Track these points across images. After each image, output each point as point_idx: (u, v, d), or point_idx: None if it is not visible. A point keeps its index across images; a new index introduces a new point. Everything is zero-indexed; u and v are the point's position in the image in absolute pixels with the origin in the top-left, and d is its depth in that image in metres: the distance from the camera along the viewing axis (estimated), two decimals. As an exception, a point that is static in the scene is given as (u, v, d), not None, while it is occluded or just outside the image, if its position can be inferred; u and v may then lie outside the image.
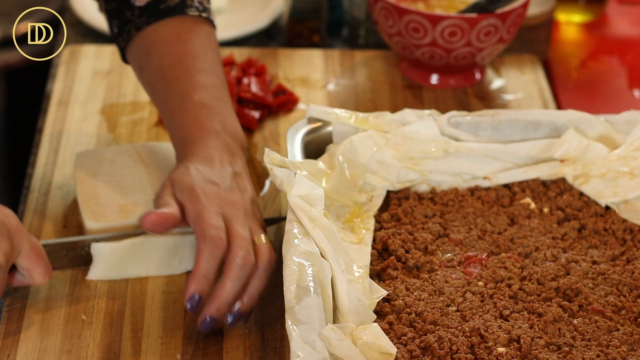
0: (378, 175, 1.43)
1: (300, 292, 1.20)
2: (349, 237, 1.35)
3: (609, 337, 1.24)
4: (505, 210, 1.43)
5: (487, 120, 1.48)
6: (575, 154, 1.45)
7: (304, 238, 1.26)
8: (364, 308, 1.23)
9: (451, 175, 1.45)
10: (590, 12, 1.98)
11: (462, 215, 1.42)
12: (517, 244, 1.37)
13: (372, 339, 1.18)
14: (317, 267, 1.23)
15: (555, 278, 1.32)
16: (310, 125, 1.47)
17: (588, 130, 1.47)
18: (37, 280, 1.29)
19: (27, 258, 1.27)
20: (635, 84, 1.83)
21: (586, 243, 1.38)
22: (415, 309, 1.26)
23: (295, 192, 1.30)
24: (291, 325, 1.16)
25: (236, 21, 1.94)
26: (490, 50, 1.72)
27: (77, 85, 1.73)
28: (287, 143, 1.43)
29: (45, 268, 1.29)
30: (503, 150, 1.46)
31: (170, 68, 1.42)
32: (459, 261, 1.34)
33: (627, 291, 1.31)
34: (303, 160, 1.39)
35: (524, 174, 1.46)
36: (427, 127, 1.45)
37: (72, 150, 1.59)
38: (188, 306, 1.25)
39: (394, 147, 1.44)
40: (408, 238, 1.37)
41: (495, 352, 1.21)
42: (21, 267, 1.28)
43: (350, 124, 1.46)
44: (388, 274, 1.32)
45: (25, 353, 1.28)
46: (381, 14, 1.71)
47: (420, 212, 1.42)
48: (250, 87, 1.69)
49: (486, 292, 1.30)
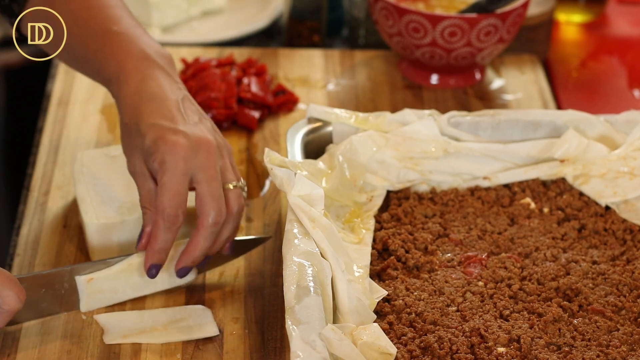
0: (378, 175, 1.43)
1: (300, 292, 1.20)
2: (349, 237, 1.35)
3: (609, 337, 1.24)
4: (505, 210, 1.43)
5: (487, 120, 1.48)
6: (575, 154, 1.45)
7: (304, 238, 1.26)
8: (364, 308, 1.23)
9: (451, 175, 1.45)
10: (590, 12, 1.98)
11: (462, 215, 1.42)
12: (517, 244, 1.37)
13: (372, 339, 1.18)
14: (317, 267, 1.23)
15: (555, 278, 1.32)
16: (310, 125, 1.47)
17: (588, 130, 1.47)
18: (12, 305, 1.23)
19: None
20: (635, 84, 1.83)
21: (586, 243, 1.38)
22: (415, 309, 1.26)
23: (296, 192, 1.30)
24: (291, 325, 1.16)
25: (236, 21, 1.94)
26: (490, 50, 1.72)
27: (77, 85, 1.73)
28: (287, 143, 1.43)
29: (18, 290, 1.23)
30: (503, 150, 1.46)
31: (80, 10, 1.40)
32: (459, 261, 1.34)
33: (627, 291, 1.31)
34: (303, 160, 1.39)
35: (524, 174, 1.46)
36: (427, 127, 1.45)
37: (72, 150, 1.59)
38: (149, 276, 1.30)
39: (394, 147, 1.44)
40: (408, 238, 1.37)
41: (495, 352, 1.21)
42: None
43: (350, 124, 1.46)
44: (388, 274, 1.32)
45: (25, 353, 1.28)
46: (381, 14, 1.71)
47: (420, 212, 1.42)
48: (250, 87, 1.69)
49: (486, 292, 1.30)
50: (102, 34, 1.37)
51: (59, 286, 1.31)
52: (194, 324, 1.30)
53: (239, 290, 1.37)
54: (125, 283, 1.33)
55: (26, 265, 1.40)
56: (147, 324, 1.31)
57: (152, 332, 1.30)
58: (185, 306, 1.33)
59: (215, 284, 1.38)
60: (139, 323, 1.31)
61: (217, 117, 1.64)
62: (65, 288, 1.31)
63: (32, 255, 1.41)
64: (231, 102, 1.66)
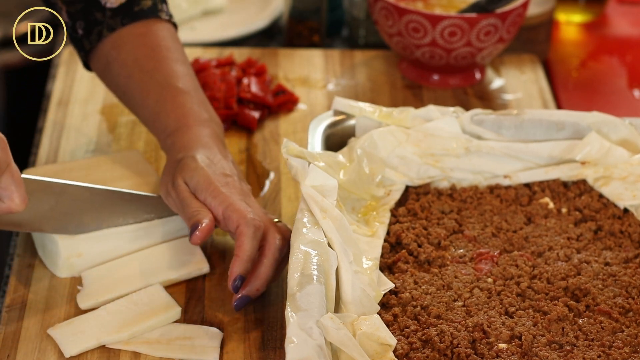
0: (398, 171, 1.43)
1: (303, 280, 1.20)
2: (362, 230, 1.35)
3: (613, 338, 1.24)
4: (523, 209, 1.42)
5: (511, 119, 1.47)
6: (597, 157, 1.44)
7: (313, 227, 1.26)
8: (368, 299, 1.23)
9: (472, 173, 1.45)
10: (590, 12, 1.98)
11: (479, 212, 1.41)
12: (531, 242, 1.37)
13: (371, 330, 1.18)
14: (323, 257, 1.23)
15: (565, 278, 1.31)
16: (333, 118, 1.47)
17: (611, 133, 1.46)
18: (16, 204, 1.22)
19: (10, 177, 1.22)
20: (635, 84, 1.83)
21: (601, 244, 1.38)
22: (422, 302, 1.26)
23: (309, 182, 1.30)
24: (290, 312, 1.16)
25: (236, 21, 1.94)
26: (490, 50, 1.72)
27: (77, 85, 1.73)
28: (308, 134, 1.43)
29: (24, 193, 1.23)
30: (524, 149, 1.46)
31: (146, 58, 1.44)
32: (471, 257, 1.34)
33: (636, 293, 1.30)
34: (321, 152, 1.39)
35: (545, 174, 1.45)
36: (449, 125, 1.44)
37: (72, 150, 1.59)
38: (232, 287, 1.29)
39: (415, 143, 1.44)
40: (422, 233, 1.37)
41: (496, 348, 1.21)
42: (3, 186, 1.22)
43: (373, 118, 1.46)
44: (398, 267, 1.32)
45: (25, 353, 1.28)
46: (381, 14, 1.71)
47: (437, 207, 1.42)
48: (250, 87, 1.69)
49: (494, 288, 1.29)
50: (165, 87, 1.42)
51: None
52: (199, 344, 1.29)
53: (239, 290, 1.37)
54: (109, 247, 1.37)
55: (26, 266, 1.40)
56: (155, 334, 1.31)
57: (156, 344, 1.29)
58: (200, 326, 1.32)
59: (216, 284, 1.38)
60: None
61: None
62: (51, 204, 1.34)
63: (32, 255, 1.41)
64: (231, 102, 1.66)
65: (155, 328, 1.30)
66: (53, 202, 1.34)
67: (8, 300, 1.34)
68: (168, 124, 1.41)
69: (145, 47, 1.45)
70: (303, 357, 1.12)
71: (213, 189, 1.33)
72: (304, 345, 1.12)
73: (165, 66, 1.44)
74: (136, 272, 1.36)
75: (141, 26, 1.46)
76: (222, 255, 1.42)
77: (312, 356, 1.12)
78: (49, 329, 1.29)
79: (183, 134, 1.39)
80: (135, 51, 1.44)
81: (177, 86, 1.42)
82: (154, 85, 1.43)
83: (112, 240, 1.38)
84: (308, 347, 1.13)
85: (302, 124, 1.67)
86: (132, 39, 1.45)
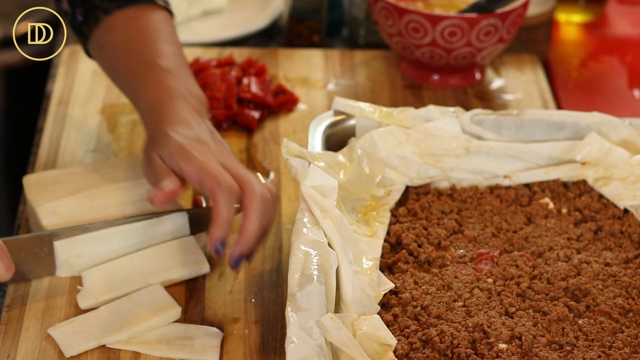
0: (398, 171, 1.43)
1: (304, 280, 1.20)
2: (362, 230, 1.35)
3: (613, 338, 1.24)
4: (523, 210, 1.43)
5: (511, 120, 1.47)
6: (597, 157, 1.44)
7: (313, 227, 1.26)
8: (368, 299, 1.23)
9: (472, 173, 1.45)
10: (590, 12, 1.98)
11: (479, 212, 1.42)
12: (531, 242, 1.37)
13: (371, 330, 1.19)
14: (323, 257, 1.23)
15: (565, 278, 1.31)
16: (334, 118, 1.47)
17: (611, 134, 1.46)
18: (1, 274, 1.24)
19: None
20: (635, 84, 1.83)
21: (601, 245, 1.38)
22: (422, 302, 1.27)
23: (309, 182, 1.30)
24: (290, 312, 1.16)
25: (236, 21, 1.94)
26: (490, 50, 1.72)
27: (77, 85, 1.73)
28: (308, 134, 1.43)
29: (8, 262, 1.25)
30: (525, 150, 1.46)
31: (134, 39, 1.45)
32: (471, 257, 1.34)
33: (636, 294, 1.30)
34: (322, 152, 1.39)
35: (545, 175, 1.45)
36: (449, 125, 1.45)
37: (72, 150, 1.59)
38: (215, 251, 1.28)
39: (415, 143, 1.44)
40: (422, 233, 1.37)
41: (496, 349, 1.21)
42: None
43: (374, 118, 1.46)
44: (399, 267, 1.32)
45: (25, 353, 1.28)
46: (381, 14, 1.71)
47: (437, 207, 1.42)
48: (250, 87, 1.69)
49: (494, 289, 1.30)
50: (147, 66, 1.42)
51: (38, 250, 1.33)
52: (199, 344, 1.29)
53: (239, 290, 1.37)
54: (108, 247, 1.36)
55: (26, 265, 1.40)
56: (155, 334, 1.30)
57: (156, 344, 1.29)
58: (200, 326, 1.32)
59: (216, 284, 1.38)
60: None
61: (217, 117, 1.64)
62: (45, 252, 1.33)
63: (32, 255, 1.41)
64: (231, 102, 1.66)
65: (155, 328, 1.30)
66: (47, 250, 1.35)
67: (8, 300, 1.34)
68: (147, 103, 1.41)
69: (134, 29, 1.46)
70: (303, 357, 1.12)
71: (187, 156, 1.31)
72: (304, 345, 1.13)
73: (150, 46, 1.44)
74: (136, 272, 1.36)
75: (135, 10, 1.47)
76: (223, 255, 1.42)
77: (312, 356, 1.12)
78: (49, 329, 1.29)
79: (159, 113, 1.38)
80: (124, 33, 1.46)
81: (159, 65, 1.42)
82: (137, 65, 1.44)
83: (111, 241, 1.38)
84: (308, 347, 1.13)
85: (302, 124, 1.67)
86: (124, 22, 1.46)
